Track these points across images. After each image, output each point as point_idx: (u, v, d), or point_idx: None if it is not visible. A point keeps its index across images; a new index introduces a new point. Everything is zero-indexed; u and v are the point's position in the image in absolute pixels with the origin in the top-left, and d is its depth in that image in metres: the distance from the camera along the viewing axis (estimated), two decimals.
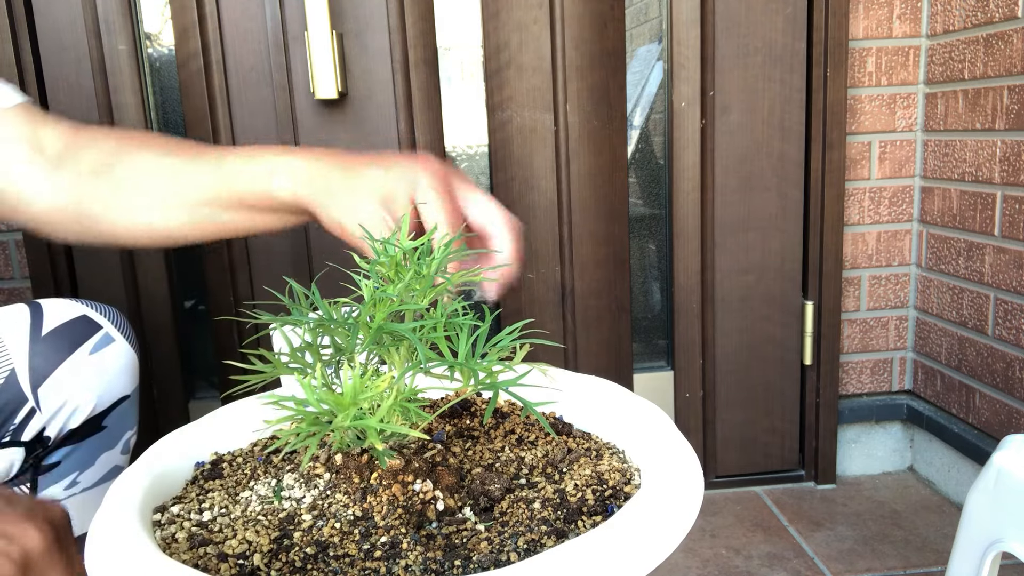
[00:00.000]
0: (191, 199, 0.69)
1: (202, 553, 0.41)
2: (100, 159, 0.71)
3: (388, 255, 0.47)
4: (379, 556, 0.40)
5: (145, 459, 0.50)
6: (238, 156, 0.69)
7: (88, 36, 1.34)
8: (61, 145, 0.72)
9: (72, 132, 0.73)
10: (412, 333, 0.43)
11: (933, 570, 1.30)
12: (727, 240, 1.50)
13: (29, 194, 0.72)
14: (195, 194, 0.69)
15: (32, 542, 0.50)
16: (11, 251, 1.43)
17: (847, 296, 1.58)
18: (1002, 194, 1.33)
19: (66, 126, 0.74)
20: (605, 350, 1.54)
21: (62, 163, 0.72)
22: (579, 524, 0.42)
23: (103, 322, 0.79)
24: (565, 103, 1.44)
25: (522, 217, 1.48)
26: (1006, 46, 1.29)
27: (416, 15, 1.38)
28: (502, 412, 0.58)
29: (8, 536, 0.49)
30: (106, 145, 0.72)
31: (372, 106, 1.41)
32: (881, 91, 1.50)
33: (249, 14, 1.36)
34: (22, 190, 0.72)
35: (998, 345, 1.37)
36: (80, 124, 0.75)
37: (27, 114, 0.74)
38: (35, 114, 0.74)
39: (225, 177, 0.68)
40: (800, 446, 1.61)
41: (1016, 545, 0.77)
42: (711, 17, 1.42)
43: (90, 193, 0.71)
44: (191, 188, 0.69)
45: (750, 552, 1.37)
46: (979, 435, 1.43)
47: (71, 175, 0.71)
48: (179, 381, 1.49)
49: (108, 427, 0.80)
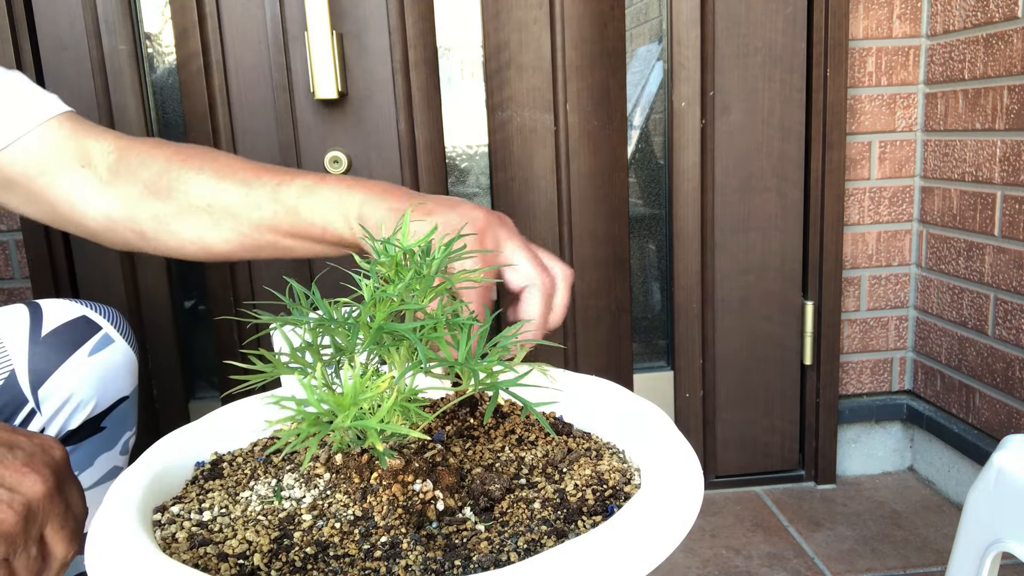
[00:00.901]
0: (246, 226, 0.69)
1: (202, 553, 0.41)
2: (155, 180, 0.71)
3: (388, 255, 0.47)
4: (379, 556, 0.40)
5: (145, 459, 0.50)
6: (294, 186, 0.68)
7: (88, 36, 1.34)
8: (112, 159, 0.73)
9: (121, 146, 0.73)
10: (412, 333, 0.43)
11: (933, 570, 1.30)
12: (727, 240, 1.50)
13: (82, 207, 0.73)
14: (251, 222, 0.69)
15: (33, 490, 0.49)
16: (11, 251, 1.43)
17: (847, 296, 1.58)
18: (1002, 194, 1.33)
19: (113, 137, 0.74)
20: (605, 350, 1.54)
21: (115, 178, 0.72)
22: (579, 524, 0.42)
23: (103, 323, 0.79)
24: (565, 103, 1.44)
25: (522, 217, 1.48)
26: (1006, 46, 1.29)
27: (416, 15, 1.38)
28: (502, 412, 0.58)
29: (9, 486, 0.49)
30: (158, 164, 0.72)
31: (372, 106, 1.41)
32: (881, 91, 1.50)
33: (249, 14, 1.36)
34: (75, 202, 0.73)
35: (998, 345, 1.37)
36: (126, 136, 0.75)
37: (72, 125, 0.74)
38: (80, 124, 0.74)
39: (281, 209, 0.68)
40: (800, 446, 1.61)
41: (1016, 545, 0.77)
42: (711, 17, 1.42)
43: (145, 213, 0.72)
44: (247, 216, 0.69)
45: (750, 552, 1.37)
46: (979, 435, 1.43)
47: (125, 193, 0.72)
48: (179, 381, 1.49)
49: (107, 428, 0.81)
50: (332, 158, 1.41)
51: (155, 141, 0.75)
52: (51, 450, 0.52)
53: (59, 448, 0.53)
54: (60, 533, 0.52)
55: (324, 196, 0.66)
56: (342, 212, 0.65)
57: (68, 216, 0.74)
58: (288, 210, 0.67)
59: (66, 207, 0.73)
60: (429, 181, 1.44)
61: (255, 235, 0.70)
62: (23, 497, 0.49)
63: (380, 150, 1.42)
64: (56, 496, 0.51)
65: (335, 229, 0.66)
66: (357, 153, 1.42)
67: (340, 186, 0.66)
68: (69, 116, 0.74)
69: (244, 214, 0.69)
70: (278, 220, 0.68)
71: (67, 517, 0.52)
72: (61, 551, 0.52)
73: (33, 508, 0.49)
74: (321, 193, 0.67)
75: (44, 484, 0.50)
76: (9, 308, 0.77)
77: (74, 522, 0.53)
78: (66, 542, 0.52)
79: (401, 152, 1.42)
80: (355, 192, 0.65)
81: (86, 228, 0.74)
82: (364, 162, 1.42)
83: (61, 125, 0.73)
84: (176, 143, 0.75)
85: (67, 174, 0.72)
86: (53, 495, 0.51)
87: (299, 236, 0.68)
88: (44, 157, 0.72)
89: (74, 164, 0.72)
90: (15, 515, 0.48)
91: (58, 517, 0.51)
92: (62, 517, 0.52)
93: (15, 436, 0.51)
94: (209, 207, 0.70)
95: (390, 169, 1.43)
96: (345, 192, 0.66)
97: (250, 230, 0.69)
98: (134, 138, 0.75)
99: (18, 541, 0.48)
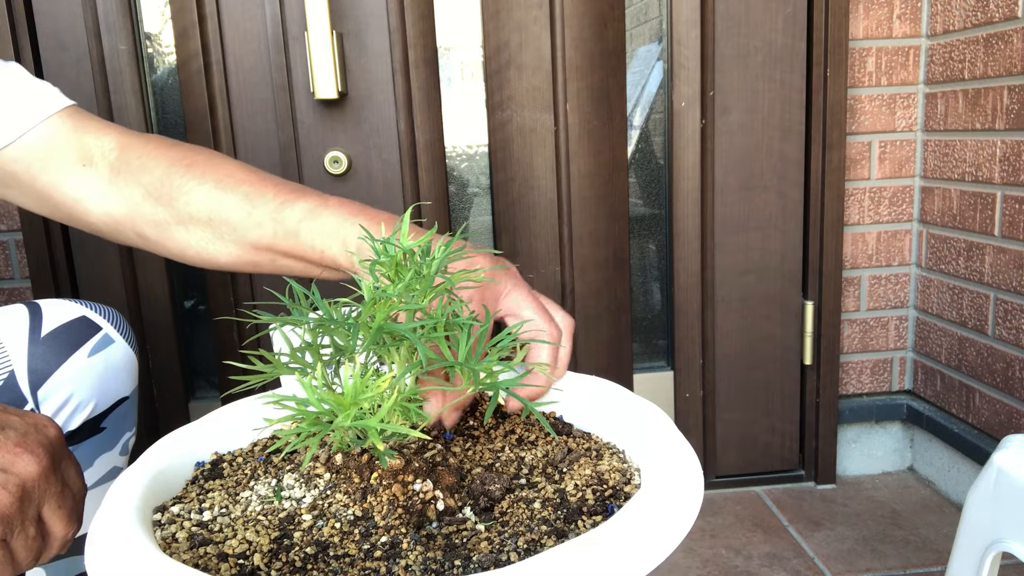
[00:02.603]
0: (246, 242, 0.69)
1: (202, 553, 0.41)
2: (156, 186, 0.71)
3: (388, 255, 0.47)
4: (379, 556, 0.40)
5: (145, 459, 0.50)
6: (296, 207, 0.67)
7: (88, 36, 1.34)
8: (113, 157, 0.72)
9: (123, 143, 0.73)
10: (412, 333, 0.43)
11: (933, 570, 1.30)
12: (727, 240, 1.50)
13: (84, 207, 0.73)
14: (251, 239, 0.69)
15: (27, 470, 0.49)
16: (11, 251, 1.43)
17: (847, 296, 1.58)
18: (1002, 194, 1.33)
19: (116, 134, 0.74)
20: (605, 350, 1.54)
21: (117, 177, 0.72)
22: (579, 524, 0.42)
23: (102, 323, 0.79)
24: (565, 103, 1.44)
25: (522, 217, 1.48)
26: (1006, 46, 1.29)
27: (416, 15, 1.38)
28: (502, 412, 0.58)
29: (2, 466, 0.48)
30: (160, 170, 0.71)
31: (372, 106, 1.41)
32: (881, 91, 1.50)
33: (249, 14, 1.36)
34: (78, 201, 0.72)
35: (998, 345, 1.37)
36: (128, 132, 0.75)
37: (74, 121, 0.73)
38: (82, 120, 0.74)
39: (281, 230, 0.67)
40: (800, 446, 1.61)
41: (1016, 545, 0.77)
42: (711, 17, 1.42)
43: (146, 217, 0.72)
44: (247, 233, 0.69)
45: (750, 552, 1.37)
46: (979, 435, 1.43)
47: (127, 194, 0.72)
48: (179, 381, 1.49)
49: (107, 428, 0.80)
50: (332, 158, 1.41)
51: (157, 140, 0.74)
52: (45, 429, 0.52)
53: (53, 426, 0.53)
54: (58, 512, 0.51)
55: (325, 221, 0.66)
56: (340, 238, 0.65)
57: (71, 214, 0.74)
58: (288, 232, 0.67)
59: (69, 205, 0.73)
60: (429, 181, 1.44)
61: (254, 252, 0.70)
62: (17, 478, 0.48)
63: (380, 150, 1.42)
64: (52, 475, 0.51)
65: (332, 255, 0.66)
66: (357, 153, 1.42)
67: (342, 211, 0.66)
68: (72, 111, 0.74)
69: (245, 231, 0.69)
70: (278, 241, 0.68)
71: (64, 495, 0.52)
72: (60, 529, 0.52)
73: (28, 488, 0.49)
74: (322, 217, 0.66)
75: (38, 464, 0.50)
76: (9, 308, 0.77)
77: (72, 500, 0.53)
78: (64, 520, 0.52)
79: (401, 152, 1.42)
80: (357, 219, 0.65)
81: (91, 226, 0.74)
82: (364, 162, 1.42)
83: (63, 121, 0.73)
84: (178, 143, 0.75)
85: (70, 173, 0.72)
86: (48, 474, 0.50)
87: (297, 257, 0.68)
88: (46, 154, 0.72)
89: (76, 163, 0.72)
90: (10, 496, 0.48)
91: (55, 496, 0.51)
92: (59, 496, 0.51)
93: (7, 416, 0.51)
94: (210, 220, 0.70)
95: (390, 169, 1.43)
96: (347, 219, 0.65)
97: (250, 246, 0.70)
98: (136, 134, 0.75)
99: (15, 522, 0.48)
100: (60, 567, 0.79)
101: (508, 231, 1.49)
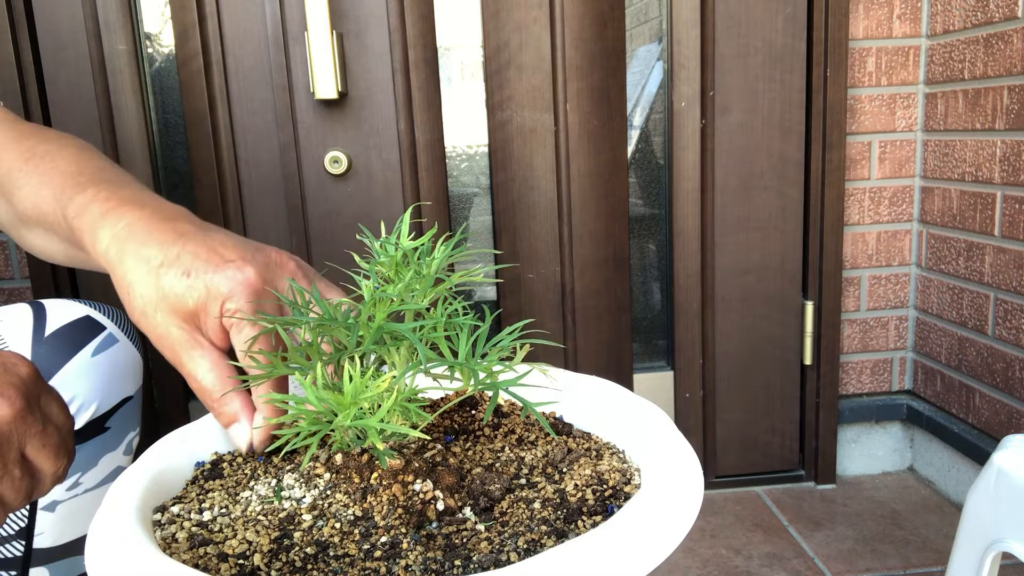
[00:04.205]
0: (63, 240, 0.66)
1: (202, 553, 0.41)
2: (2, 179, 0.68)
3: (388, 255, 0.47)
4: (379, 556, 0.40)
5: (145, 459, 0.50)
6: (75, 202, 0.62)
7: (88, 36, 1.34)
8: None
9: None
10: (412, 333, 0.43)
11: (933, 570, 1.30)
12: (727, 240, 1.50)
13: None
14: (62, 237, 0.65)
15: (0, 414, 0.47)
16: (11, 251, 1.43)
17: (847, 296, 1.58)
18: (1002, 194, 1.33)
19: None
20: (605, 350, 1.54)
21: None
22: (579, 524, 0.42)
23: (106, 322, 0.79)
24: (565, 103, 1.44)
25: (522, 217, 1.48)
26: (1006, 46, 1.29)
27: (416, 15, 1.38)
28: (502, 412, 0.58)
29: None
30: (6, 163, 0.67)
31: (372, 106, 1.41)
32: (881, 91, 1.50)
33: (249, 14, 1.36)
34: None
35: (998, 345, 1.37)
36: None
37: None
38: None
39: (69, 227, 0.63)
40: (800, 446, 1.61)
41: (1016, 545, 0.77)
42: (711, 17, 1.42)
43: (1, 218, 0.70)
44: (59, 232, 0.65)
45: (750, 552, 1.37)
46: (979, 435, 1.43)
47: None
48: (179, 381, 1.49)
49: (111, 428, 0.80)
50: (332, 158, 1.41)
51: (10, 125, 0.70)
52: (15, 368, 0.50)
53: (24, 364, 0.50)
54: (43, 451, 0.50)
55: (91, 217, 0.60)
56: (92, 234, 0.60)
57: None
58: (73, 229, 0.62)
59: None
60: (429, 181, 1.44)
61: (71, 250, 0.66)
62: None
63: (380, 150, 1.42)
64: (29, 415, 0.49)
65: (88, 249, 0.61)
66: (357, 153, 1.42)
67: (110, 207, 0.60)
68: None
69: (56, 229, 0.65)
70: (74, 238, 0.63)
71: (47, 433, 0.50)
72: (49, 467, 0.50)
73: (4, 432, 0.47)
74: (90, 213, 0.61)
75: (11, 406, 0.48)
76: (12, 307, 0.76)
77: (57, 435, 0.51)
78: (52, 458, 0.50)
79: (401, 152, 1.42)
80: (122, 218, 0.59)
81: None
82: (364, 162, 1.43)
83: None
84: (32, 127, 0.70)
85: None
86: (25, 415, 0.48)
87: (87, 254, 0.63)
88: None
89: None
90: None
91: (37, 435, 0.49)
92: (41, 434, 0.49)
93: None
94: (37, 219, 0.66)
95: (390, 169, 1.43)
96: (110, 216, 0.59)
97: (66, 244, 0.66)
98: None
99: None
100: (60, 567, 0.79)
101: (508, 231, 1.49)
